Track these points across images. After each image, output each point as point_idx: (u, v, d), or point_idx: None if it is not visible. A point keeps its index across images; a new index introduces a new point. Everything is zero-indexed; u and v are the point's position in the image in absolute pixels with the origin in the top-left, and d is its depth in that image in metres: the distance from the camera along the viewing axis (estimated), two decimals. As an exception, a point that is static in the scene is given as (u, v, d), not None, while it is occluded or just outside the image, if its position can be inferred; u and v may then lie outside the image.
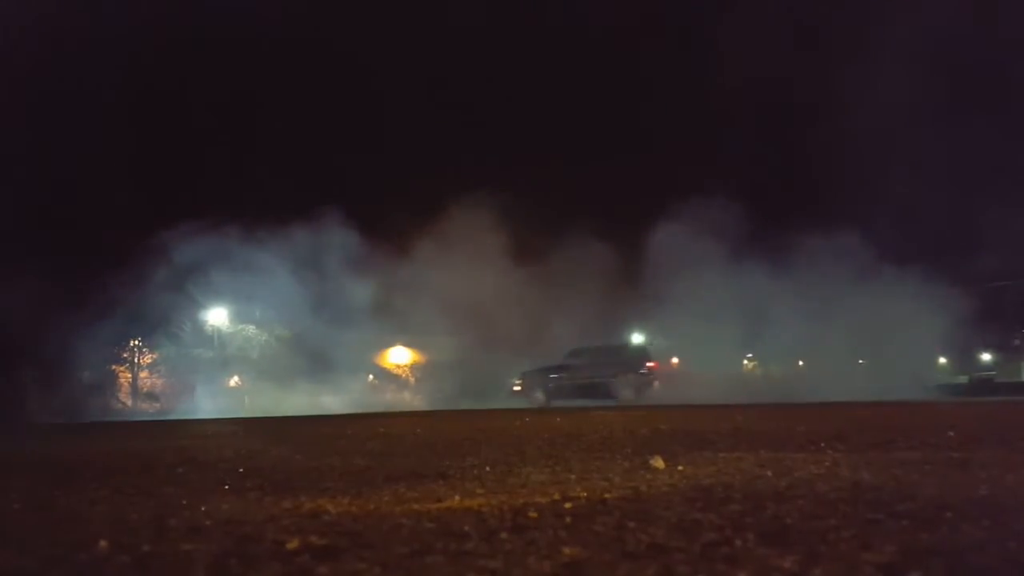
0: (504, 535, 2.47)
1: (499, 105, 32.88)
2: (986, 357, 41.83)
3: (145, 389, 26.51)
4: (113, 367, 25.28)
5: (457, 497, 3.33)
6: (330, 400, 22.84)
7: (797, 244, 24.20)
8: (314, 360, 24.42)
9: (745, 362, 35.56)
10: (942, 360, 32.89)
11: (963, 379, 33.61)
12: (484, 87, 33.63)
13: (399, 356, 30.32)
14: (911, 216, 25.02)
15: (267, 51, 29.05)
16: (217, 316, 27.24)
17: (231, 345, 27.13)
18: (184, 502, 3.45)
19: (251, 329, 27.26)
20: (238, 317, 27.34)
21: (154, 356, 26.66)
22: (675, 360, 32.58)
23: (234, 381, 28.02)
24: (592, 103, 34.58)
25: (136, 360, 26.25)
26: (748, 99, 32.73)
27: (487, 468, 4.44)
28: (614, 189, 31.26)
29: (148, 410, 25.15)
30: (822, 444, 5.26)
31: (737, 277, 23.84)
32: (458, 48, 31.72)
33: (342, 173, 27.32)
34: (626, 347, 23.28)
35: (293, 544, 2.39)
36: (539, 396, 21.39)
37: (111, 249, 22.16)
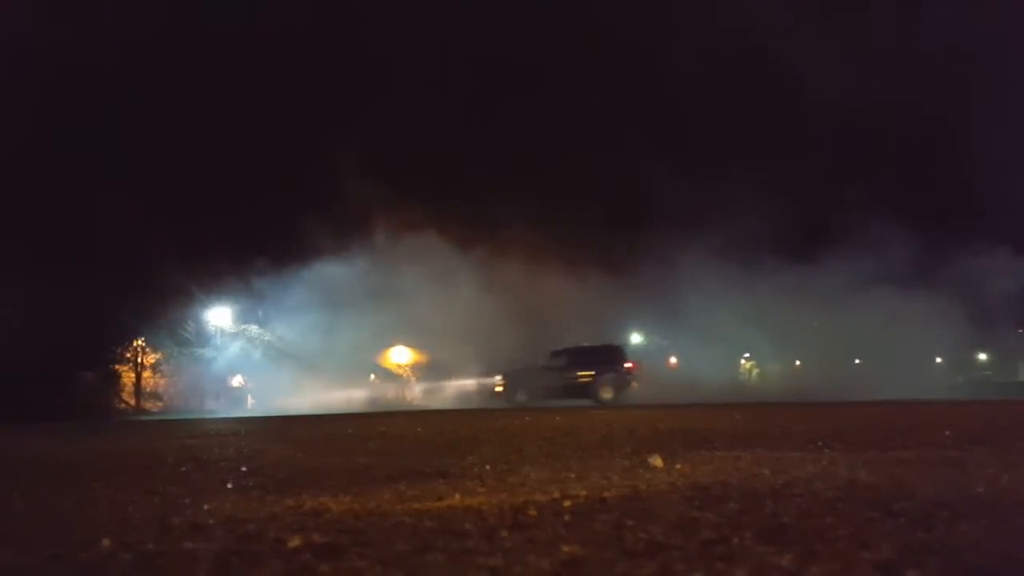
0: (504, 533, 2.48)
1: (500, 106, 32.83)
2: (982, 357, 41.79)
3: (148, 389, 26.48)
4: (116, 367, 25.26)
5: (457, 495, 3.35)
6: (331, 399, 22.83)
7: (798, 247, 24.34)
8: (315, 360, 24.44)
9: (743, 362, 35.59)
10: (938, 360, 32.87)
11: (960, 379, 33.62)
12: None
13: (400, 356, 30.28)
14: (906, 217, 25.11)
15: (271, 54, 29.05)
16: (220, 316, 27.24)
17: (234, 344, 27.11)
18: (187, 500, 3.47)
19: (254, 329, 27.24)
20: (241, 317, 27.35)
21: (157, 356, 26.64)
22: (673, 360, 32.61)
23: (237, 380, 28.00)
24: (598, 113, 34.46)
25: (139, 360, 26.22)
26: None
27: (487, 467, 4.46)
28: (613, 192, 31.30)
29: (152, 409, 25.13)
30: (819, 443, 5.28)
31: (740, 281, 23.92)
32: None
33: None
34: (606, 348, 22.43)
35: (295, 542, 2.41)
36: (521, 396, 20.78)
37: (114, 250, 22.18)
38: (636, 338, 34.44)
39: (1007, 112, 31.18)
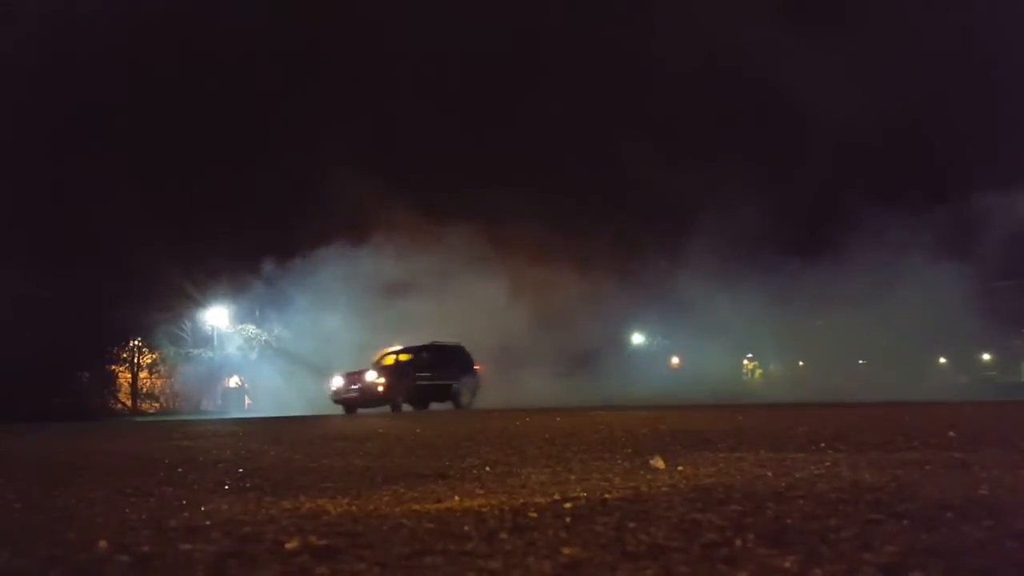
0: (504, 535, 2.46)
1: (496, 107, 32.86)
2: (986, 357, 41.83)
3: (145, 389, 26.45)
4: (113, 367, 25.24)
5: (457, 497, 3.33)
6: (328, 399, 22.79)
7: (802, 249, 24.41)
8: (313, 359, 24.43)
9: (746, 362, 35.63)
10: (942, 360, 32.89)
11: (963, 380, 33.63)
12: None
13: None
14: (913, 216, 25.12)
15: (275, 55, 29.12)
16: (217, 316, 27.22)
17: (231, 345, 27.10)
18: (183, 502, 3.45)
19: (251, 328, 27.24)
20: (238, 317, 27.34)
21: (154, 356, 26.62)
22: (675, 360, 32.58)
23: (234, 381, 27.99)
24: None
25: (136, 360, 26.19)
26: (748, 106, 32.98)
27: (487, 468, 4.44)
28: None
29: (148, 410, 25.11)
30: (822, 444, 5.26)
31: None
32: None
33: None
34: (455, 348, 19.92)
35: (293, 544, 2.39)
36: (401, 399, 18.31)
37: (111, 249, 22.20)
38: (638, 337, 34.48)
39: (1010, 109, 31.27)
